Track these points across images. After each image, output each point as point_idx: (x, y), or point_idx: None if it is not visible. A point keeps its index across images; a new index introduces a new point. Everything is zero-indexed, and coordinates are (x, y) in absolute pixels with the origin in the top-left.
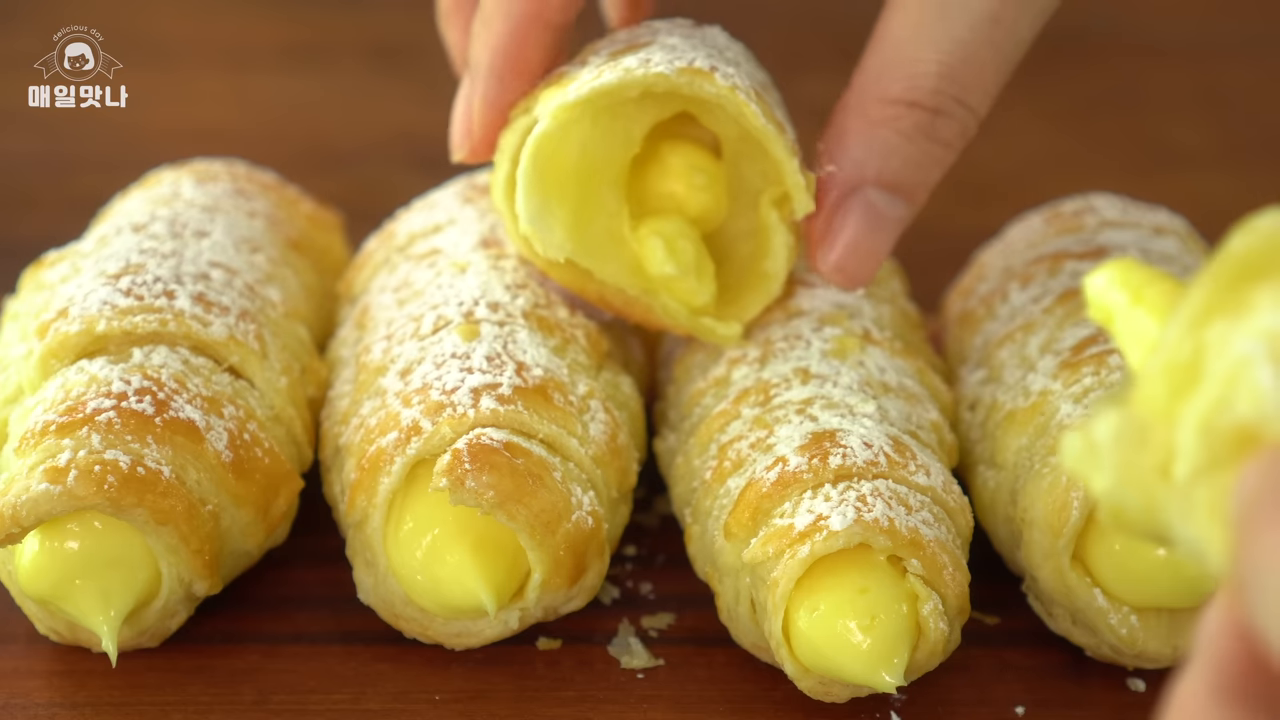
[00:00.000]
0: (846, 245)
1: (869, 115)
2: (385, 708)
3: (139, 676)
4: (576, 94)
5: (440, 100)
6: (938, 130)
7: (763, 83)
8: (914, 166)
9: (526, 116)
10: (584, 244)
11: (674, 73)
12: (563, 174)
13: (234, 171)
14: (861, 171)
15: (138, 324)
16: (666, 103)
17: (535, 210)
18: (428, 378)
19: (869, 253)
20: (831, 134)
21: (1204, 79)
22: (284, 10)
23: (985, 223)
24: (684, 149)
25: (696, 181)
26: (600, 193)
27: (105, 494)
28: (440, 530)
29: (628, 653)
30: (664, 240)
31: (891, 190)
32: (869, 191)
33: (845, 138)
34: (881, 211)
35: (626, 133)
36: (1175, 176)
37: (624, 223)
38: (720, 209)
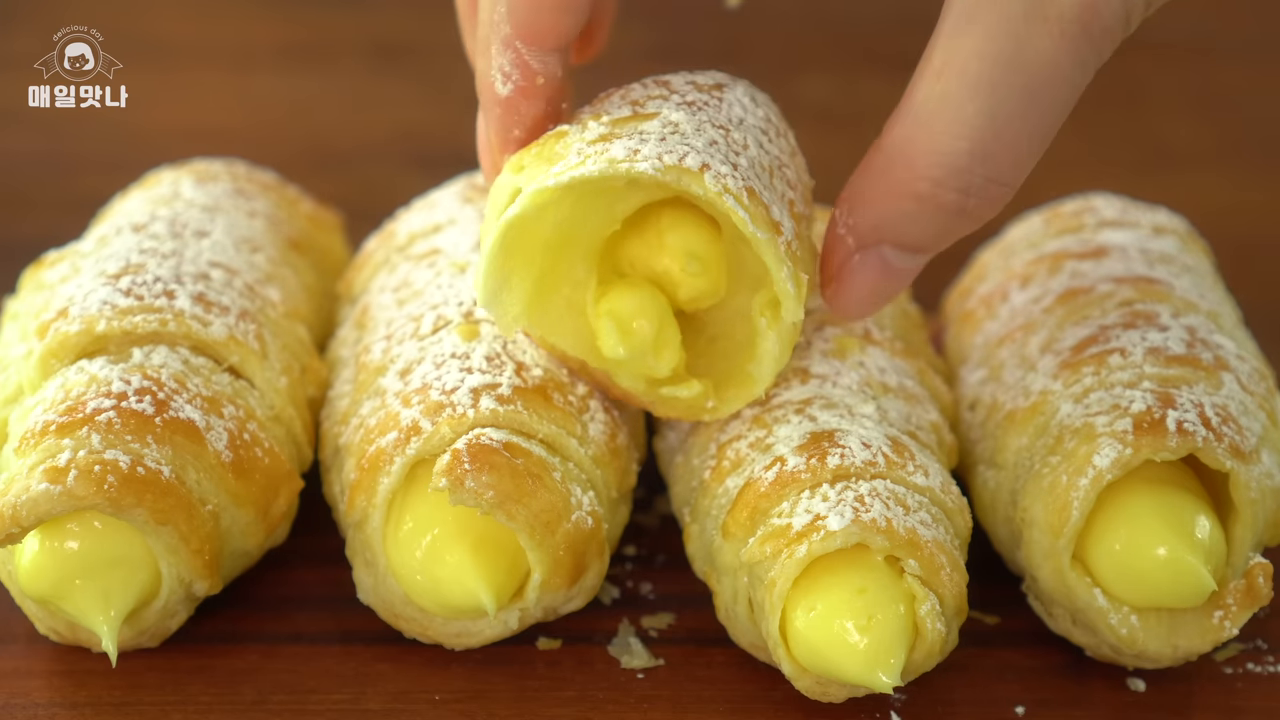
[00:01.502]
0: (857, 292)
1: (894, 184)
2: (385, 708)
3: (139, 676)
4: (556, 181)
5: (440, 100)
6: (966, 209)
7: (774, 161)
8: (934, 235)
9: (517, 177)
10: (542, 315)
11: (660, 171)
12: (532, 247)
13: (234, 171)
14: (879, 234)
15: (138, 324)
16: (655, 190)
17: (494, 289)
18: (427, 378)
19: (877, 299)
20: (854, 192)
21: (1203, 79)
22: (284, 10)
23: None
24: (684, 228)
25: (691, 268)
26: (570, 264)
27: (105, 494)
28: (440, 530)
29: (628, 653)
30: (617, 322)
31: (909, 250)
32: (885, 250)
33: (868, 201)
34: (895, 266)
35: (609, 210)
36: (1175, 176)
37: (589, 294)
38: (717, 289)
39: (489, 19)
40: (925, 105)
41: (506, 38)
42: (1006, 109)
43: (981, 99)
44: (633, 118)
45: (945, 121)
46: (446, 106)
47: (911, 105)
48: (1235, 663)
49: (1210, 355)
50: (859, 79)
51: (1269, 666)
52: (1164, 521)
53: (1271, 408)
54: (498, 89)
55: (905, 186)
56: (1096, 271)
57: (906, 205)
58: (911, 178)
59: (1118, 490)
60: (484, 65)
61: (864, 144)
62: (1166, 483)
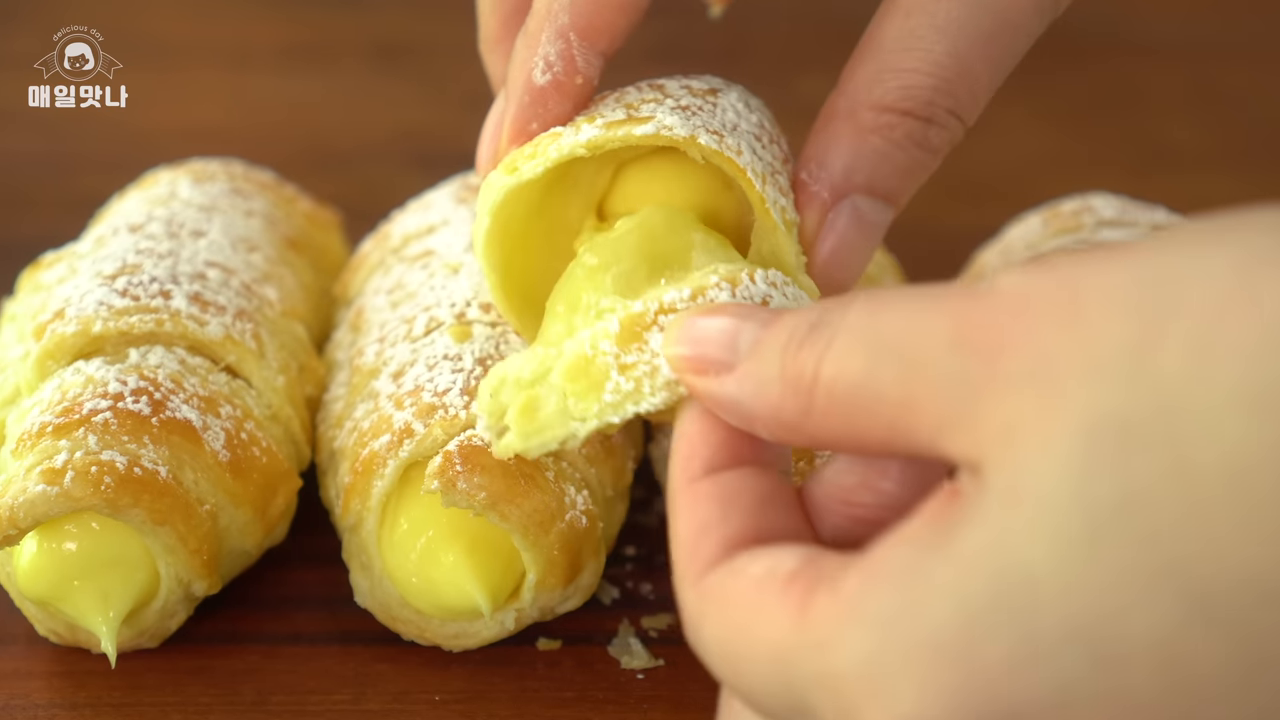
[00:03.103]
0: (834, 251)
1: (860, 122)
2: (385, 708)
3: (138, 677)
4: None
5: (440, 100)
6: (929, 139)
7: (767, 167)
8: (902, 174)
9: (510, 177)
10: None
11: (659, 128)
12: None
13: (231, 171)
14: (851, 179)
15: (134, 324)
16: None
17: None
18: (420, 379)
19: (854, 258)
20: (819, 140)
21: (1202, 78)
22: (284, 10)
23: (984, 223)
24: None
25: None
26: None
27: (102, 495)
28: (434, 532)
29: (628, 653)
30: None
31: (879, 197)
32: (857, 199)
33: (835, 144)
34: (868, 218)
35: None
36: (1173, 176)
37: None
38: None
39: (546, 8)
40: (893, 43)
41: (562, 27)
42: (970, 48)
43: (948, 38)
44: (626, 120)
45: (913, 58)
46: (446, 106)
47: (877, 46)
48: None
49: None
50: None
51: None
52: None
53: None
54: (535, 76)
55: (873, 124)
56: None
57: (875, 142)
58: (879, 115)
59: None
60: (525, 54)
61: None
62: None
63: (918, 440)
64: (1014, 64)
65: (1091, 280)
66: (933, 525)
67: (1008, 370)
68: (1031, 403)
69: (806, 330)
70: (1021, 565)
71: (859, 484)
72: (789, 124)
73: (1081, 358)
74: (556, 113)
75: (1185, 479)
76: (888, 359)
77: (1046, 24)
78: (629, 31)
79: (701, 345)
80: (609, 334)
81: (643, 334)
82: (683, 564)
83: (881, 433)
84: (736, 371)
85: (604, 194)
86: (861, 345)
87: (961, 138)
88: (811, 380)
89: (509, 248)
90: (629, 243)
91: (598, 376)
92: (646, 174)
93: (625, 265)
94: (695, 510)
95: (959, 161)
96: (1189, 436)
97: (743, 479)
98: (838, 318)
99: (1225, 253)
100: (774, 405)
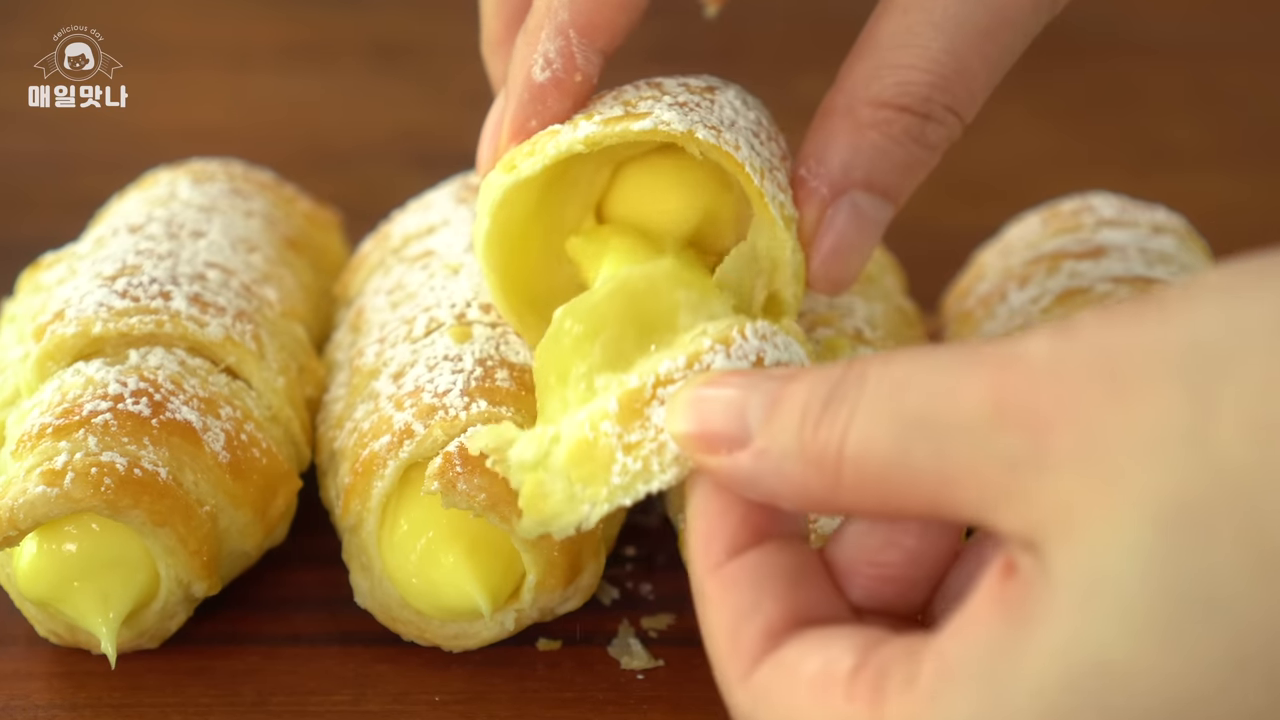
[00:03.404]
0: (833, 249)
1: (858, 118)
2: (385, 709)
3: (138, 678)
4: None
5: (440, 100)
6: (927, 135)
7: (765, 163)
8: (901, 170)
9: (508, 175)
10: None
11: (658, 124)
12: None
13: (231, 171)
14: (849, 175)
15: (134, 325)
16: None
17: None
18: (420, 380)
19: (854, 256)
20: (817, 138)
21: (1202, 78)
22: (284, 10)
23: (983, 222)
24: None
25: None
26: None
27: (102, 496)
28: (434, 533)
29: (628, 654)
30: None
31: (878, 193)
32: (856, 195)
33: (833, 140)
34: (867, 214)
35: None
36: (1173, 175)
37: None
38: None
39: (546, 5)
40: (890, 40)
41: (561, 24)
42: (967, 45)
43: (946, 36)
44: (624, 117)
45: (910, 55)
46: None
47: (875, 43)
48: None
49: None
50: None
51: None
52: None
53: None
54: (534, 74)
55: (871, 120)
56: (1095, 271)
57: (873, 138)
58: (876, 111)
59: None
60: (524, 51)
61: None
62: None
63: (961, 513)
64: (1011, 62)
65: (1128, 345)
66: (1003, 616)
67: (1057, 448)
68: (1089, 483)
69: (822, 404)
70: (1103, 658)
71: (884, 544)
72: (788, 124)
73: (1134, 435)
74: (556, 110)
75: (1265, 563)
76: (919, 434)
77: (1044, 22)
78: (629, 30)
79: (709, 421)
80: (608, 413)
81: (643, 410)
82: (724, 659)
83: (920, 505)
84: (751, 448)
85: (602, 194)
86: (887, 420)
87: (960, 135)
88: (836, 457)
89: (509, 248)
90: (612, 307)
91: (603, 459)
92: (645, 173)
93: (612, 332)
94: (726, 599)
95: (959, 161)
96: (1263, 518)
97: (770, 557)
98: (854, 390)
99: (1262, 307)
100: (797, 482)
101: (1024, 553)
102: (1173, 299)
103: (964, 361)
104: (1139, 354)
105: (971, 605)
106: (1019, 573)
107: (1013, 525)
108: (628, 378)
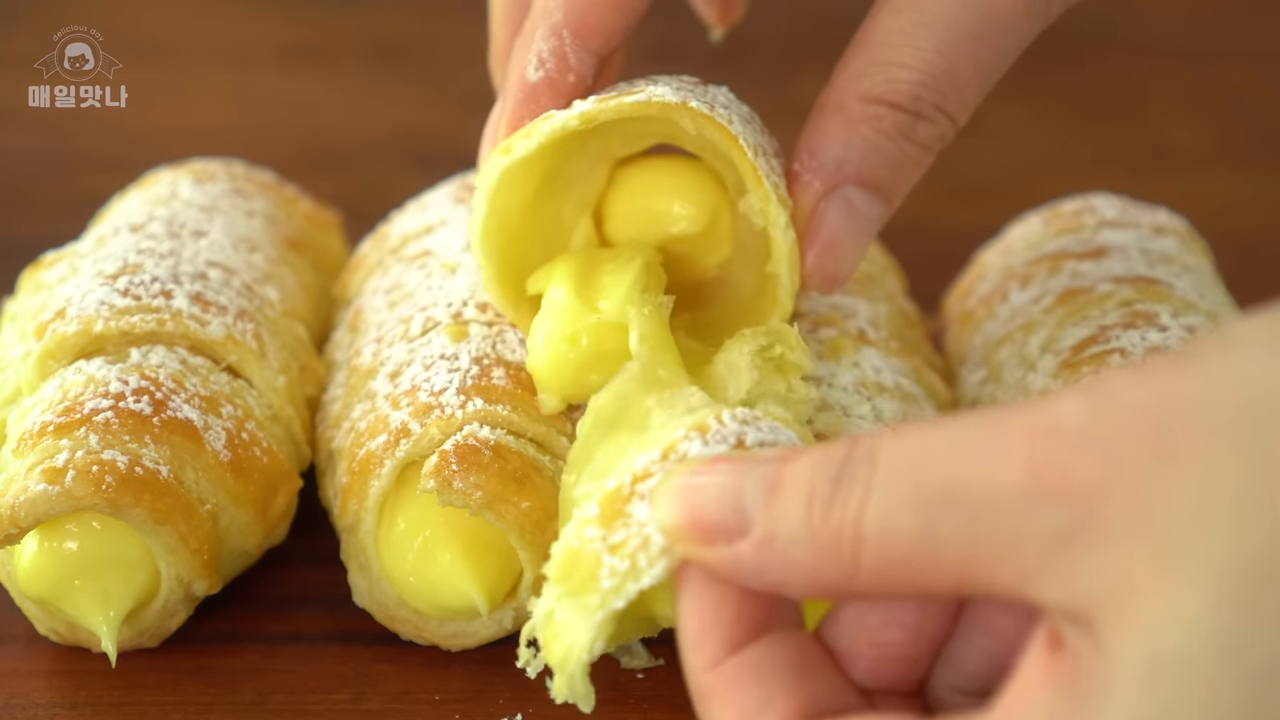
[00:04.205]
0: (825, 244)
1: (849, 114)
2: (385, 708)
3: (139, 677)
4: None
5: (440, 100)
6: (917, 132)
7: (760, 147)
8: (893, 166)
9: (504, 159)
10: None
11: (651, 96)
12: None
13: (232, 171)
14: (841, 170)
15: (135, 324)
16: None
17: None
18: (416, 379)
19: (847, 252)
20: (810, 133)
21: (1203, 78)
22: (284, 10)
23: (984, 223)
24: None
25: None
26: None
27: (103, 494)
28: (431, 532)
29: (628, 653)
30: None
31: (870, 189)
32: (848, 190)
33: (825, 135)
34: (860, 210)
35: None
36: (1174, 176)
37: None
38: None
39: (542, 6)
40: (883, 39)
41: (555, 24)
42: (958, 47)
43: (936, 36)
44: (619, 94)
45: (901, 54)
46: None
47: (868, 41)
48: None
49: None
50: None
51: None
52: None
53: None
54: (528, 74)
55: (861, 115)
56: (1096, 271)
57: (865, 132)
58: (866, 106)
59: None
60: (520, 52)
61: None
62: None
63: (996, 588)
64: (1004, 66)
65: (1173, 404)
66: (1058, 690)
67: (1105, 517)
68: (1143, 554)
69: (831, 485)
70: None
71: (884, 622)
72: (786, 124)
73: (1189, 499)
74: (548, 109)
75: None
76: (946, 510)
77: (1038, 29)
78: (624, 33)
79: (700, 510)
80: (590, 519)
81: (623, 508)
82: None
83: (947, 584)
84: (752, 536)
85: (599, 194)
86: (908, 499)
87: (952, 136)
88: (854, 542)
89: (504, 243)
90: (591, 439)
91: (590, 565)
92: (641, 173)
93: (595, 462)
94: (732, 699)
95: (960, 161)
96: None
97: (774, 650)
98: (865, 470)
99: None
100: (808, 568)
101: (1071, 625)
102: (1211, 353)
103: (989, 431)
104: (1186, 412)
105: (1020, 682)
106: (1067, 646)
107: (1058, 598)
108: (606, 482)
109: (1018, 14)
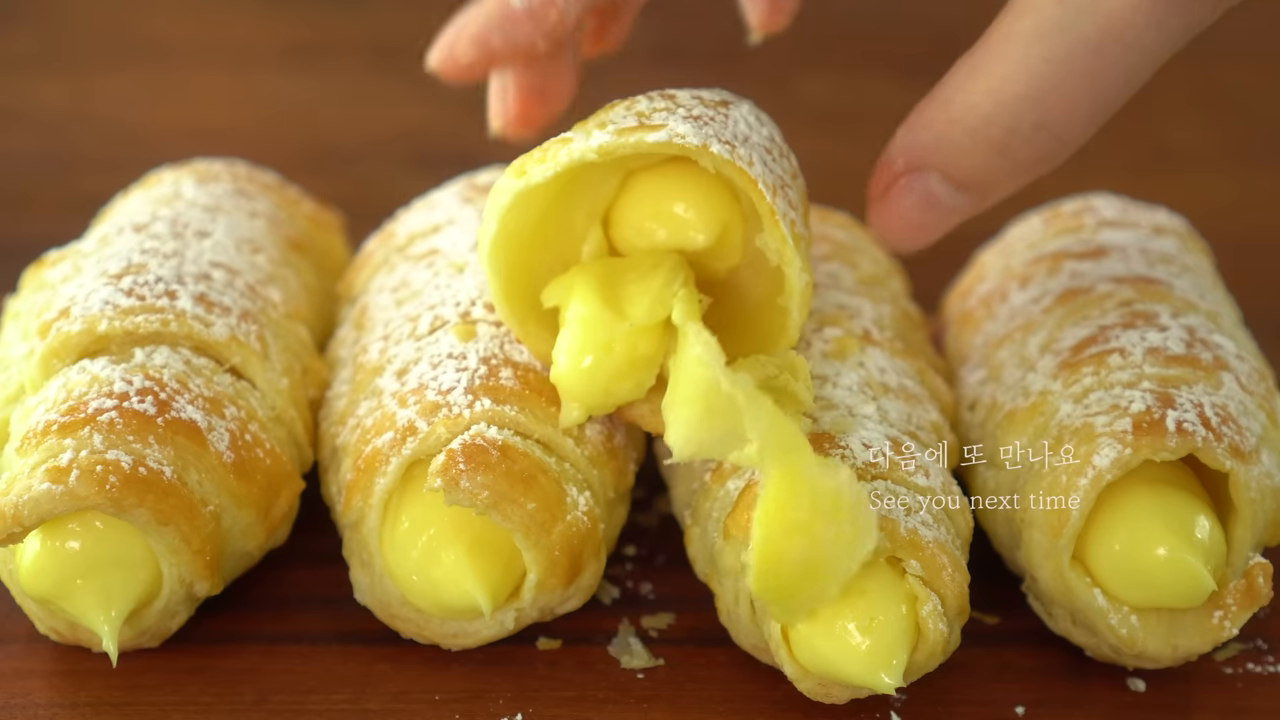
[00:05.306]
0: (899, 215)
1: (950, 113)
2: (385, 708)
3: (139, 676)
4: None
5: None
6: (1011, 149)
7: (777, 180)
8: (981, 173)
9: (519, 180)
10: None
11: (672, 137)
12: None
13: (235, 171)
14: (929, 159)
15: (139, 324)
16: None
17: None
18: (424, 378)
19: (919, 229)
20: (914, 116)
21: (1204, 79)
22: (284, 10)
23: (985, 222)
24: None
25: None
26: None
27: (107, 494)
28: (436, 530)
29: (628, 653)
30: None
31: (955, 185)
32: (932, 177)
33: (924, 125)
34: (939, 198)
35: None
36: (1175, 176)
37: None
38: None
39: None
40: (995, 42)
41: None
42: (1069, 58)
43: (1046, 44)
44: (639, 128)
45: (1006, 60)
46: (446, 106)
47: (986, 40)
48: (1235, 663)
49: (1210, 355)
50: (859, 79)
51: (1269, 666)
52: (1164, 522)
53: (1271, 408)
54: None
55: (959, 116)
56: (1096, 271)
57: (957, 134)
58: (966, 109)
59: (1118, 490)
60: None
61: (864, 143)
62: (1166, 483)
63: None
64: (1127, 84)
65: None
66: None
67: None
68: None
69: None
70: None
71: None
72: (787, 124)
73: None
74: (516, 37)
75: None
76: None
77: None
78: None
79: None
80: None
81: None
82: None
83: None
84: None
85: (611, 203)
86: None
87: (1061, 155)
88: None
89: (514, 254)
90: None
91: None
92: (654, 183)
93: None
94: None
95: None
96: None
97: None
98: None
99: None
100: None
101: None
102: None
103: None
104: None
105: None
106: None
107: None
108: None
109: (1135, 21)
